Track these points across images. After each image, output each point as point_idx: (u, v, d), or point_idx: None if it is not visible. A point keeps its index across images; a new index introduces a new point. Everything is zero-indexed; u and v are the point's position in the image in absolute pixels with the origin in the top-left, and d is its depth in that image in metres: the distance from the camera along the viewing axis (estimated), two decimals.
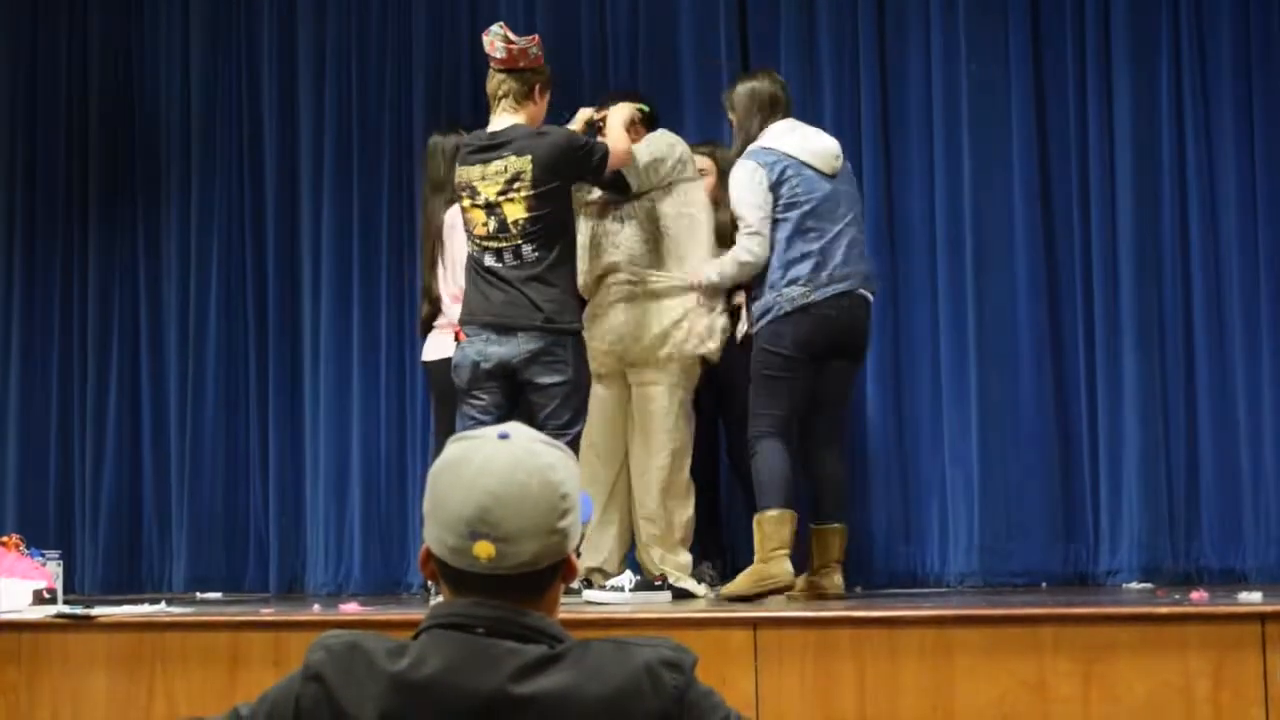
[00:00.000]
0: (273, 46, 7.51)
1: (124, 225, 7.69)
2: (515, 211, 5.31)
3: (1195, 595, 4.77)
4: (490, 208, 5.34)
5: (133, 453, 7.58)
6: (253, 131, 7.53)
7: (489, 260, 5.36)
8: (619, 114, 5.72)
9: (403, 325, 7.11)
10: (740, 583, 5.34)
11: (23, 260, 7.79)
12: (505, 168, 5.34)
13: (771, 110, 5.63)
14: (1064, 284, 6.34)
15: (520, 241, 5.31)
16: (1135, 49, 6.31)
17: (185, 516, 7.39)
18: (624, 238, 5.81)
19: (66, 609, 5.32)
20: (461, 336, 5.45)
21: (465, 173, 5.44)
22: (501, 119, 5.48)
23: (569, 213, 5.49)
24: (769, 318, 5.42)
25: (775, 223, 5.46)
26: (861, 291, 5.53)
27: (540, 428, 5.03)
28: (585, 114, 5.80)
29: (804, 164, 5.50)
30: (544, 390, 5.31)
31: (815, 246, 5.43)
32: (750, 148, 5.57)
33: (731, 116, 5.72)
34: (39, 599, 5.51)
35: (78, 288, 7.73)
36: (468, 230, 5.45)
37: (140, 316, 7.64)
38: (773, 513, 5.31)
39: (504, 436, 1.96)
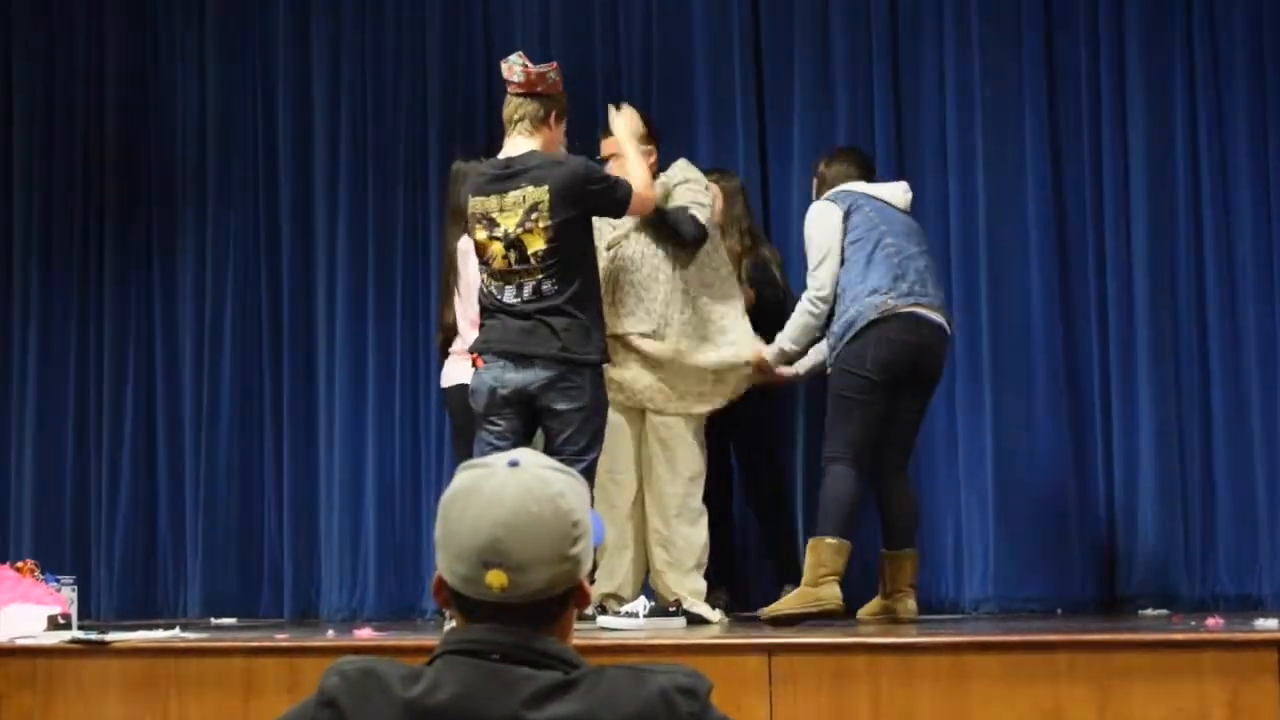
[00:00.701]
0: (288, 71, 7.53)
1: (139, 250, 7.71)
2: (535, 243, 5.22)
3: (1211, 622, 4.75)
4: (510, 241, 5.24)
5: (148, 478, 7.59)
6: (268, 155, 7.55)
7: (509, 296, 5.26)
8: (631, 142, 5.62)
9: (417, 350, 7.12)
10: (788, 602, 5.33)
11: (39, 284, 7.80)
12: (523, 198, 5.24)
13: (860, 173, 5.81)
14: (1078, 306, 6.33)
15: (541, 276, 5.21)
16: (1149, 70, 6.31)
17: (200, 542, 7.40)
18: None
19: (81, 634, 5.32)
20: (479, 362, 5.42)
21: (481, 203, 5.32)
22: (516, 144, 5.39)
23: (590, 243, 5.40)
24: (851, 332, 5.42)
25: (853, 246, 5.51)
26: (940, 320, 5.55)
27: (557, 454, 5.09)
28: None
29: (874, 197, 5.61)
30: (560, 416, 5.28)
31: (895, 259, 5.48)
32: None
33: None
34: (54, 624, 5.51)
35: (93, 312, 7.74)
36: (485, 263, 5.33)
37: (155, 342, 7.66)
38: (831, 540, 5.31)
39: (514, 464, 1.96)
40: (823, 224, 5.58)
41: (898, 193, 5.72)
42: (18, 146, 7.90)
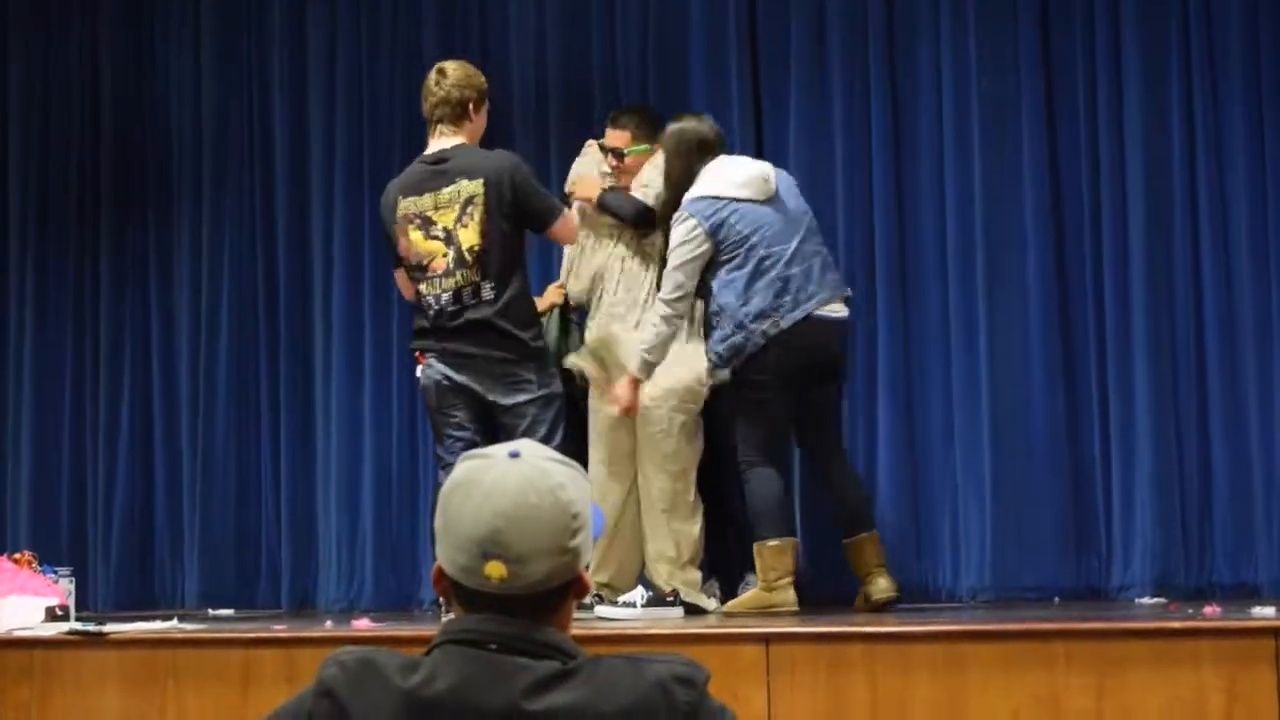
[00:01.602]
0: (284, 65, 7.52)
1: (136, 243, 7.70)
2: (470, 238, 5.26)
3: (1208, 610, 4.76)
4: (449, 237, 5.28)
5: (145, 470, 7.59)
6: (264, 149, 7.54)
7: (446, 301, 5.31)
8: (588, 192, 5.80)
9: None
10: (744, 603, 5.44)
11: (35, 278, 7.80)
12: (458, 193, 5.29)
13: (700, 154, 5.61)
14: (1075, 299, 6.33)
15: (479, 277, 5.26)
16: (1146, 66, 6.30)
17: (197, 533, 7.39)
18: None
19: (79, 626, 5.32)
20: (422, 359, 5.46)
21: (415, 203, 5.35)
22: (442, 140, 5.43)
23: (521, 240, 5.43)
24: (742, 358, 5.45)
25: (726, 265, 5.45)
26: (832, 313, 5.51)
27: None
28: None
29: (736, 200, 5.49)
30: (512, 410, 5.32)
31: (774, 274, 5.43)
32: (685, 200, 5.56)
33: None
34: (51, 616, 5.51)
35: (90, 305, 7.74)
36: (420, 266, 5.35)
37: (152, 335, 7.65)
38: (773, 542, 5.39)
39: (514, 455, 1.96)
40: (679, 256, 5.48)
41: (757, 183, 5.56)
42: (13, 143, 7.88)
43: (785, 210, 5.55)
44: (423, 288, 5.35)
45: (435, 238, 5.30)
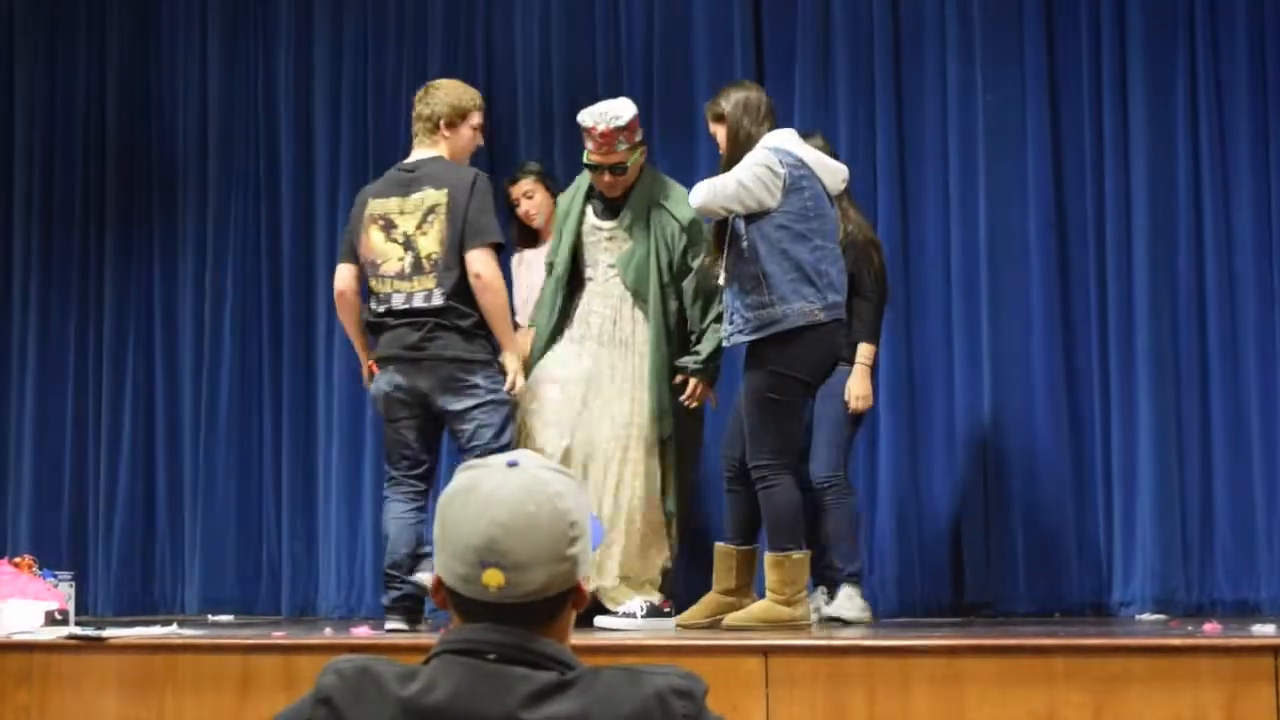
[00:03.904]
0: (289, 71, 7.54)
1: (139, 246, 7.72)
2: (429, 245, 5.42)
3: (1208, 627, 4.75)
4: (407, 242, 5.45)
5: (146, 475, 7.60)
6: (269, 151, 7.56)
7: (398, 302, 5.45)
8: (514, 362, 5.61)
9: None
10: (755, 617, 5.22)
11: (39, 280, 7.81)
12: (423, 200, 5.46)
13: (771, 118, 5.40)
14: (1078, 311, 6.34)
15: (433, 284, 5.39)
16: (1151, 80, 6.31)
17: (198, 539, 7.40)
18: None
19: (78, 630, 5.32)
20: (374, 368, 5.58)
21: (382, 205, 5.52)
22: (419, 150, 5.60)
23: None
24: (773, 330, 5.16)
25: (784, 231, 5.16)
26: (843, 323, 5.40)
27: (470, 451, 5.19)
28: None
29: (818, 178, 5.28)
30: (461, 415, 5.42)
31: (821, 265, 5.20)
32: (772, 144, 5.26)
33: (716, 126, 5.41)
34: (51, 620, 5.51)
35: (93, 307, 7.75)
36: (373, 265, 5.50)
37: (154, 339, 7.66)
38: (796, 555, 5.21)
39: (512, 464, 1.96)
40: (757, 177, 5.14)
41: (837, 180, 5.38)
42: (19, 143, 7.91)
43: (835, 216, 5.42)
44: (373, 283, 5.53)
45: (394, 240, 5.47)
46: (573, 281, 5.81)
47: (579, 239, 5.80)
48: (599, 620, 5.49)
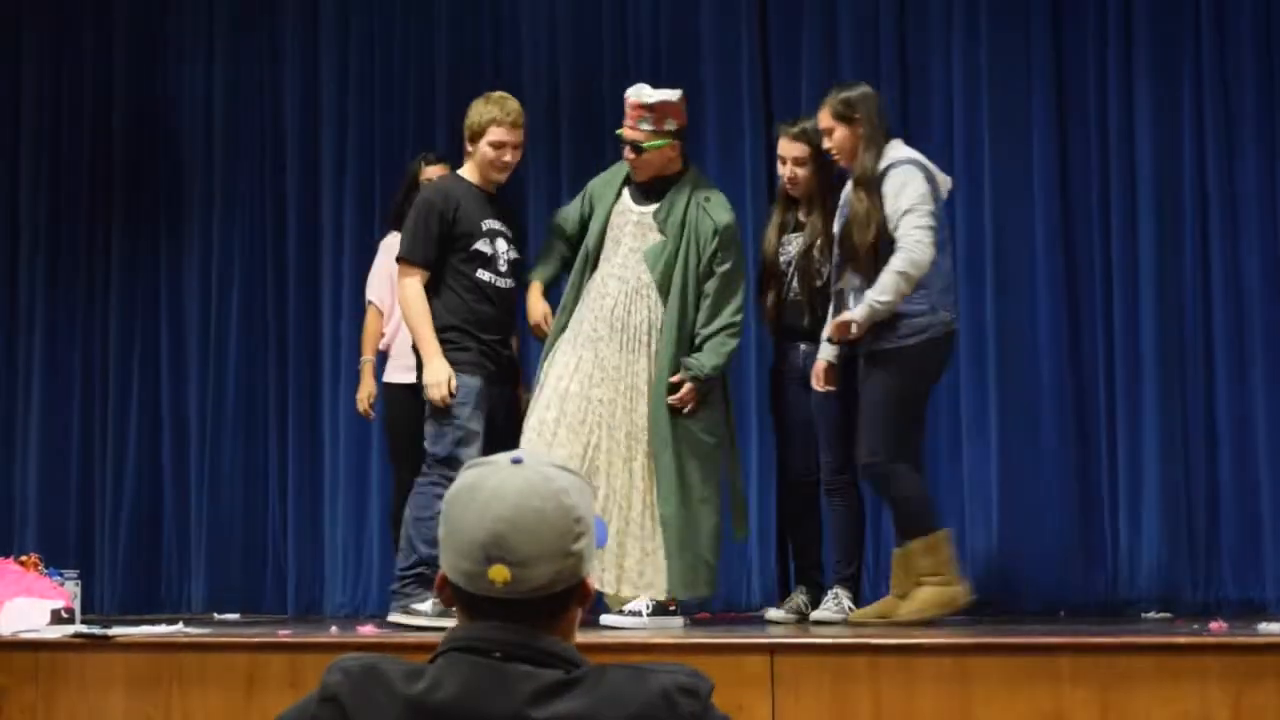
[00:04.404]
0: (296, 73, 7.55)
1: (145, 247, 7.72)
2: None
3: (1214, 625, 4.74)
4: None
5: (152, 473, 7.60)
6: (275, 153, 7.57)
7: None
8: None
9: None
10: (925, 605, 5.24)
11: (45, 280, 7.81)
12: None
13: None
14: (1084, 309, 6.33)
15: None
16: (1157, 70, 6.32)
17: (204, 537, 7.41)
18: None
19: (84, 629, 5.32)
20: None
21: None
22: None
23: (443, 260, 5.60)
24: (925, 336, 5.27)
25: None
26: None
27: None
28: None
29: (938, 185, 5.41)
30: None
31: (948, 267, 5.38)
32: (910, 156, 5.36)
33: (838, 125, 5.39)
34: (57, 618, 5.51)
35: (99, 307, 7.75)
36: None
37: (161, 338, 7.67)
38: (943, 531, 5.33)
39: (517, 461, 1.96)
40: (922, 194, 5.24)
41: (946, 187, 5.50)
42: (25, 144, 7.92)
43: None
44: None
45: None
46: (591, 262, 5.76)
47: (608, 219, 5.73)
48: (605, 618, 5.49)
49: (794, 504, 5.89)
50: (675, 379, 5.55)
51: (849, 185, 5.42)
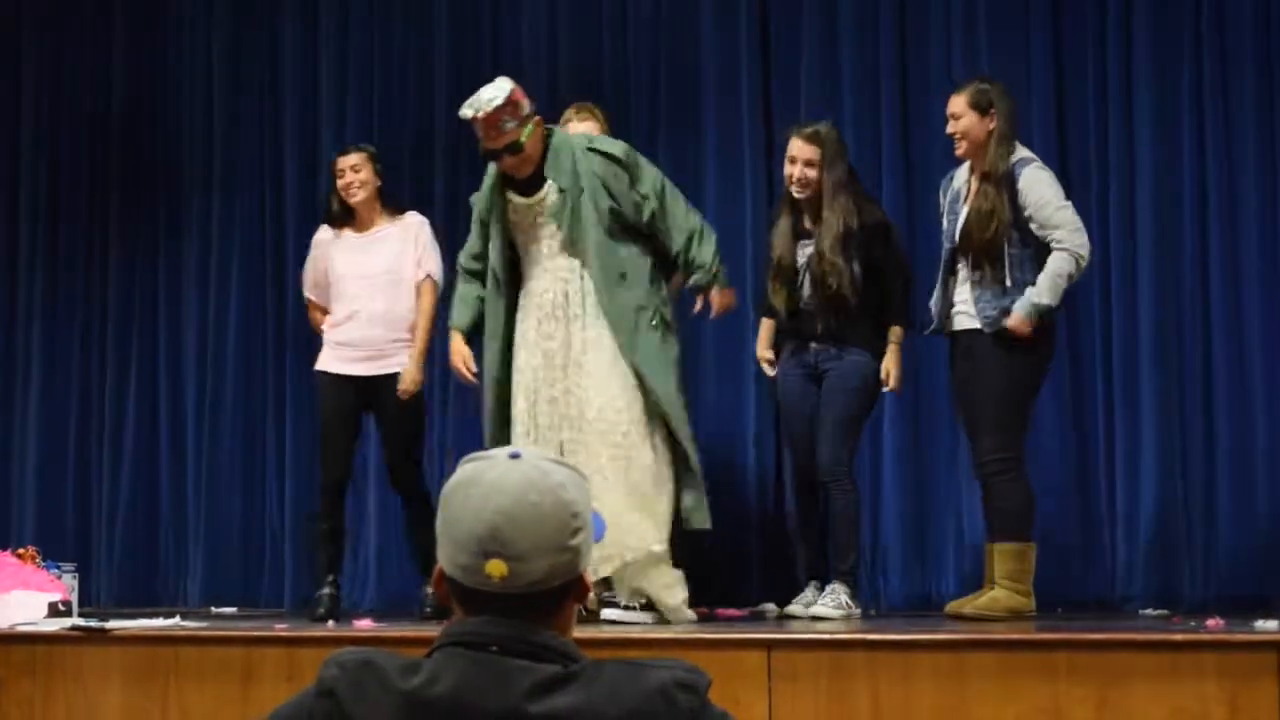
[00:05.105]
0: (295, 74, 7.55)
1: (144, 241, 7.73)
2: None
3: (1211, 623, 4.75)
4: None
5: (150, 467, 7.60)
6: (274, 149, 7.57)
7: None
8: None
9: None
10: (999, 605, 5.32)
11: (44, 275, 7.82)
12: None
13: None
14: (1082, 305, 6.33)
15: None
16: (1157, 70, 6.32)
17: (201, 531, 7.41)
18: None
19: (81, 622, 5.32)
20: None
21: None
22: None
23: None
24: (1040, 325, 5.38)
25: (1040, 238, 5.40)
26: None
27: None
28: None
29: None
30: None
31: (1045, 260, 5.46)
32: (1026, 157, 5.48)
33: (970, 112, 5.51)
34: (54, 611, 5.51)
35: (98, 300, 7.76)
36: None
37: (159, 331, 7.67)
38: (1033, 544, 5.40)
39: (515, 456, 1.96)
40: (1060, 193, 5.44)
41: None
42: (25, 138, 7.92)
43: None
44: None
45: None
46: (512, 283, 5.58)
47: (506, 230, 5.56)
48: (604, 613, 5.48)
49: (807, 502, 5.86)
50: (717, 297, 5.49)
51: (964, 180, 5.51)
